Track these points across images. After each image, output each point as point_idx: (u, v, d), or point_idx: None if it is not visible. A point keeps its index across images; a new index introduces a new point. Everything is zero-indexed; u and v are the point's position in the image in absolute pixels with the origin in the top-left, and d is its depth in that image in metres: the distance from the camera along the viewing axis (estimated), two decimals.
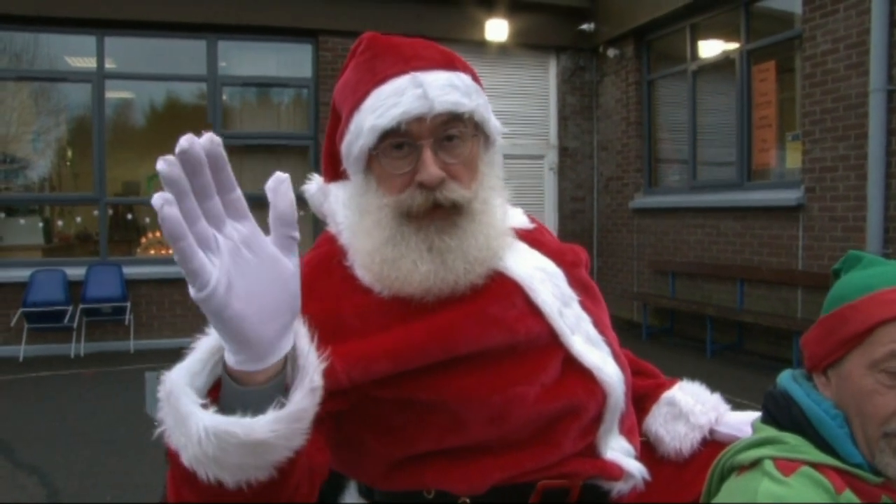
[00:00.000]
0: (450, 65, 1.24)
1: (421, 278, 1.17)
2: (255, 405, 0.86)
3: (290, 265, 0.84)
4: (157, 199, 0.74)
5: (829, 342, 1.12)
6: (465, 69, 1.27)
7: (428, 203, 1.17)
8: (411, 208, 1.18)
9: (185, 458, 0.86)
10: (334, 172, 1.36)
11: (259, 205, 0.82)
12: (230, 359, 0.85)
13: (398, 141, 1.17)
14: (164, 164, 0.74)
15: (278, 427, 0.85)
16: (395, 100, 1.16)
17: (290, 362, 0.91)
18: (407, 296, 1.19)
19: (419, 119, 1.16)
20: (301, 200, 1.08)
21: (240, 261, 0.80)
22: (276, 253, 0.83)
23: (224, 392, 0.89)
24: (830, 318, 1.13)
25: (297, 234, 0.85)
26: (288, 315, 0.86)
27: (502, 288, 1.23)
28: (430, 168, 1.15)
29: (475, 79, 1.28)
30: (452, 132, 1.19)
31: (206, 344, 0.92)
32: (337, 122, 1.31)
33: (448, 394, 1.15)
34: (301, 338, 0.92)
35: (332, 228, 1.33)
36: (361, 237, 1.20)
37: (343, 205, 1.30)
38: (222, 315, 0.79)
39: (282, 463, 0.89)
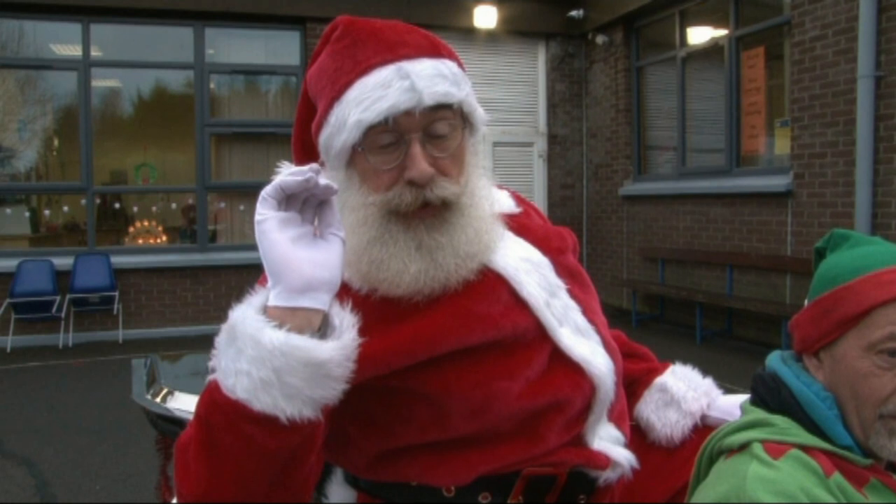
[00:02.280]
0: (435, 52, 1.19)
1: (411, 279, 1.13)
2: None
3: (335, 245, 0.99)
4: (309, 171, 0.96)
5: (824, 324, 1.11)
6: (451, 55, 1.22)
7: (417, 202, 1.13)
8: (399, 207, 1.13)
9: (242, 388, 0.93)
10: (307, 161, 1.32)
11: (249, 193, 0.89)
12: (270, 296, 0.96)
13: (384, 135, 1.12)
14: (312, 172, 0.96)
15: (335, 354, 0.95)
16: (380, 92, 1.11)
17: (324, 326, 1.00)
18: (394, 297, 1.16)
19: (408, 113, 1.11)
20: None
21: (298, 225, 0.98)
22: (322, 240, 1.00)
23: None
24: (824, 300, 1.12)
25: (342, 234, 1.01)
26: (325, 272, 0.97)
27: (487, 282, 1.20)
28: (420, 165, 1.10)
29: (460, 65, 1.23)
30: (441, 125, 1.14)
31: (257, 296, 1.00)
32: (309, 109, 1.26)
33: (430, 387, 1.13)
34: (335, 305, 1.01)
35: None
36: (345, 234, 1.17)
37: None
38: (268, 237, 0.95)
39: (326, 404, 0.97)
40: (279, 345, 0.92)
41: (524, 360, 1.18)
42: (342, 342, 0.96)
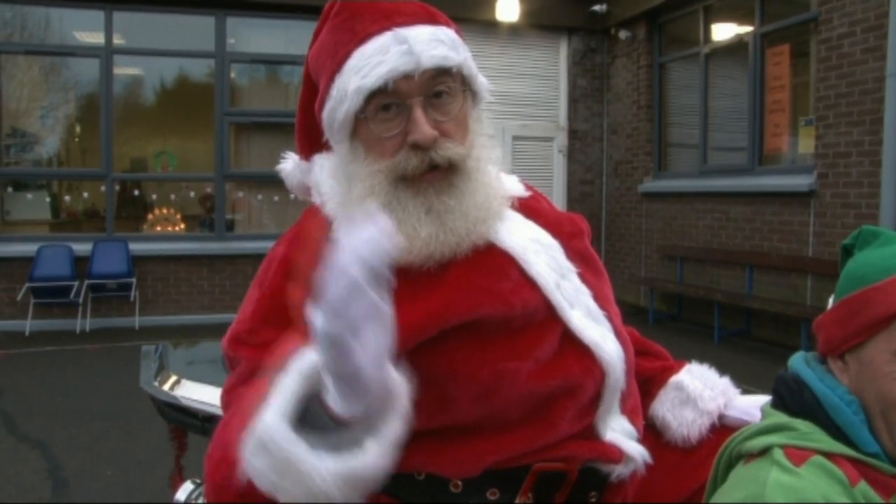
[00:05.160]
0: (432, 19, 1.20)
1: (422, 244, 1.13)
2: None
3: (385, 307, 0.88)
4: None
5: (851, 325, 1.06)
6: (448, 24, 1.23)
7: (423, 165, 1.13)
8: (406, 171, 1.13)
9: (287, 499, 0.90)
10: (310, 147, 1.32)
11: (267, 183, 0.86)
12: (340, 408, 0.90)
13: (386, 101, 1.13)
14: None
15: (386, 459, 0.93)
16: (379, 58, 1.12)
17: None
18: (405, 265, 1.14)
19: (407, 77, 1.12)
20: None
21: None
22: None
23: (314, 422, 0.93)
24: (852, 300, 1.07)
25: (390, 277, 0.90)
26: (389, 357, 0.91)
27: (495, 259, 1.18)
28: (423, 127, 1.11)
29: (459, 34, 1.24)
30: (441, 88, 1.15)
31: (290, 386, 0.94)
32: (311, 93, 1.27)
33: (436, 369, 1.11)
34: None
35: (315, 200, 1.28)
36: (354, 206, 1.14)
37: (329, 175, 1.25)
38: (355, 355, 0.86)
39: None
40: (334, 474, 0.89)
41: (534, 341, 1.16)
42: (388, 439, 0.94)
